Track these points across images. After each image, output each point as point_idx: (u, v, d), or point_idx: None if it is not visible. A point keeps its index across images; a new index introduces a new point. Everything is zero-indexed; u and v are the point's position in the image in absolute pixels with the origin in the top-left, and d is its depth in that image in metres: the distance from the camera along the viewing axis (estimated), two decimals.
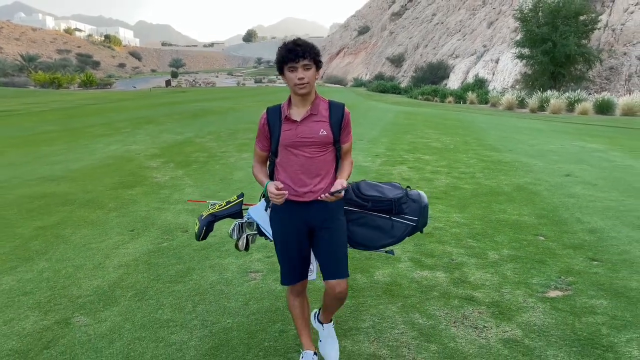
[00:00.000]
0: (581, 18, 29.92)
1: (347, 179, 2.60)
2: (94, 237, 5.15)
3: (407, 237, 2.78)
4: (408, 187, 2.88)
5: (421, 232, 2.80)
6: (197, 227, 2.80)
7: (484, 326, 3.29)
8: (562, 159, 9.85)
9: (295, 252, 2.62)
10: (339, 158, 2.63)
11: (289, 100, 2.57)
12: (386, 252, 2.83)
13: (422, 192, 2.85)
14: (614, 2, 34.61)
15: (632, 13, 33.04)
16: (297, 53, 2.38)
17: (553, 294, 3.78)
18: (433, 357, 2.93)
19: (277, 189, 2.42)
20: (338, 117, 2.55)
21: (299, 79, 2.40)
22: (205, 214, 2.82)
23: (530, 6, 31.76)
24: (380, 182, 2.86)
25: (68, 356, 2.95)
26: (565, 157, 10.09)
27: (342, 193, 2.44)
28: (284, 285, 2.71)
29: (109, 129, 15.44)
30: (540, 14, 30.76)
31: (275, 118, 2.55)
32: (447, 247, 4.79)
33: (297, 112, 2.52)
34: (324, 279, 2.57)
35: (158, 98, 35.91)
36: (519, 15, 31.85)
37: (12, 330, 3.26)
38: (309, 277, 2.77)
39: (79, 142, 12.44)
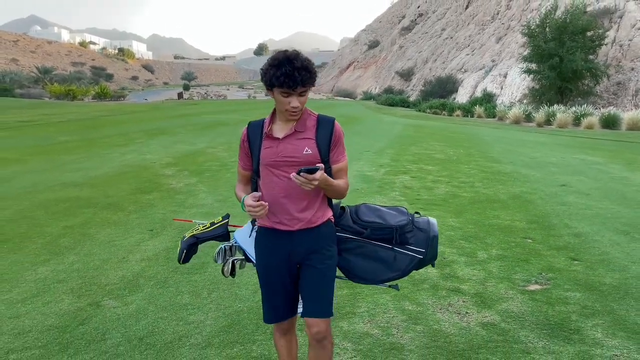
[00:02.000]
0: (588, 34, 30.36)
1: (335, 189, 2.26)
2: (117, 235, 5.62)
3: (414, 270, 2.46)
4: (417, 212, 2.55)
5: (432, 265, 2.52)
6: (179, 249, 2.60)
7: (466, 312, 3.70)
8: (561, 171, 10.22)
9: (279, 287, 2.36)
10: None
11: (273, 113, 2.31)
12: (390, 286, 2.53)
13: (432, 220, 2.51)
14: (621, 18, 34.99)
15: (639, 29, 33.41)
16: (295, 81, 2.08)
17: (533, 287, 4.18)
18: (418, 336, 3.34)
19: (256, 199, 2.18)
20: (326, 134, 2.25)
21: (293, 107, 2.15)
22: (187, 235, 2.62)
23: (537, 22, 32.29)
24: (383, 206, 2.53)
25: (100, 331, 3.40)
26: (564, 169, 10.46)
27: (317, 174, 2.05)
28: (267, 323, 2.46)
29: (124, 139, 16.01)
30: (547, 29, 31.23)
31: (255, 134, 2.31)
32: (440, 247, 5.14)
33: (280, 128, 2.26)
34: (301, 315, 2.33)
35: (171, 110, 36.65)
36: (526, 31, 32.34)
37: (50, 310, 3.72)
38: (299, 310, 2.44)
39: (97, 152, 13.00)
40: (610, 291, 4.07)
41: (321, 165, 2.10)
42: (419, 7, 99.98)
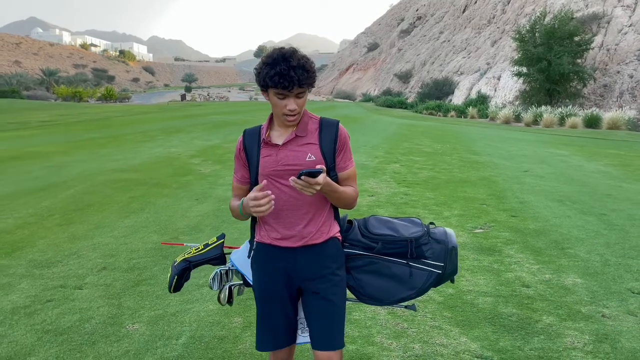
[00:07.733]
0: (575, 39, 32.19)
1: (341, 196, 2.05)
2: (171, 202, 7.39)
3: (432, 288, 2.24)
4: (432, 223, 2.36)
5: (452, 281, 2.30)
6: (169, 276, 2.39)
7: None
8: (529, 161, 12.01)
9: (278, 311, 2.16)
10: None
11: (270, 119, 2.14)
12: (406, 307, 2.33)
13: (450, 230, 2.32)
14: (609, 23, 36.83)
15: (625, 34, 35.24)
16: (291, 80, 1.89)
17: (477, 231, 5.95)
18: None
19: (260, 190, 1.91)
20: (330, 138, 2.08)
21: (289, 110, 1.97)
22: (178, 259, 2.42)
23: (527, 27, 34.16)
24: (395, 218, 2.33)
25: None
26: (532, 160, 12.25)
27: (319, 177, 1.83)
28: (260, 351, 2.21)
29: (146, 137, 17.80)
30: (536, 34, 33.08)
31: (252, 142, 2.13)
32: (417, 210, 6.96)
33: (279, 134, 2.09)
34: (312, 347, 2.13)
35: (177, 111, 38.43)
36: (517, 36, 34.19)
37: (146, 240, 5.51)
38: (300, 339, 2.26)
39: (127, 146, 14.78)
40: (530, 232, 5.85)
41: (323, 167, 1.89)
42: (417, 10, 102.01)
